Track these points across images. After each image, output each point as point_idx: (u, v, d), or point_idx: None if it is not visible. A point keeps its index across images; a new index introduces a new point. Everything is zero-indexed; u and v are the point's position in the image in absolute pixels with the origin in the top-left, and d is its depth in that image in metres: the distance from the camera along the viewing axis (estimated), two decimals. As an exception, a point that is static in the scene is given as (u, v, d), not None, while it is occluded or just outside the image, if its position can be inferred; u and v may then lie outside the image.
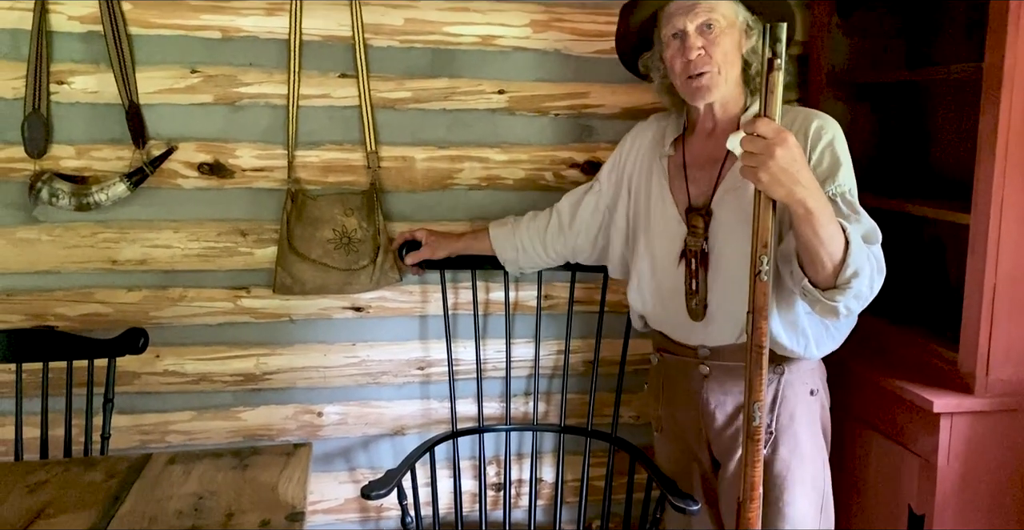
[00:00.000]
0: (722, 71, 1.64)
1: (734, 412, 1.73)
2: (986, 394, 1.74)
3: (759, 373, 1.43)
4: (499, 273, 2.16)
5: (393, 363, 2.22)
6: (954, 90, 2.10)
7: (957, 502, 1.77)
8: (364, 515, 2.29)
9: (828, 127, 1.61)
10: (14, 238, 2.00)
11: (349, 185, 2.11)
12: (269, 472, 1.62)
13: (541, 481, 2.32)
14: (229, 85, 2.01)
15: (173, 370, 2.12)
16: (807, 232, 1.41)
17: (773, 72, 1.31)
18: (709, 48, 1.62)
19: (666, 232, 1.75)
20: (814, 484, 1.72)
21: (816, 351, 1.68)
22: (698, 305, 1.70)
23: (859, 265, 1.43)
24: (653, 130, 1.87)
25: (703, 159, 1.73)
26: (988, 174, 1.67)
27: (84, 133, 1.98)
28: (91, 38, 1.94)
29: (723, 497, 1.78)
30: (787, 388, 1.70)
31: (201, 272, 2.09)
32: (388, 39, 2.06)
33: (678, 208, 1.74)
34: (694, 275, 1.69)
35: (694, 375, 1.77)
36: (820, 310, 1.53)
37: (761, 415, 1.44)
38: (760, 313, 1.41)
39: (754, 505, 1.48)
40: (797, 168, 1.35)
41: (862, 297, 1.49)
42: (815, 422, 1.74)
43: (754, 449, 1.46)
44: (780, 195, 1.37)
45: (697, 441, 1.81)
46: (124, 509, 1.48)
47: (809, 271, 1.47)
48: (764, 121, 1.34)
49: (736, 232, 1.63)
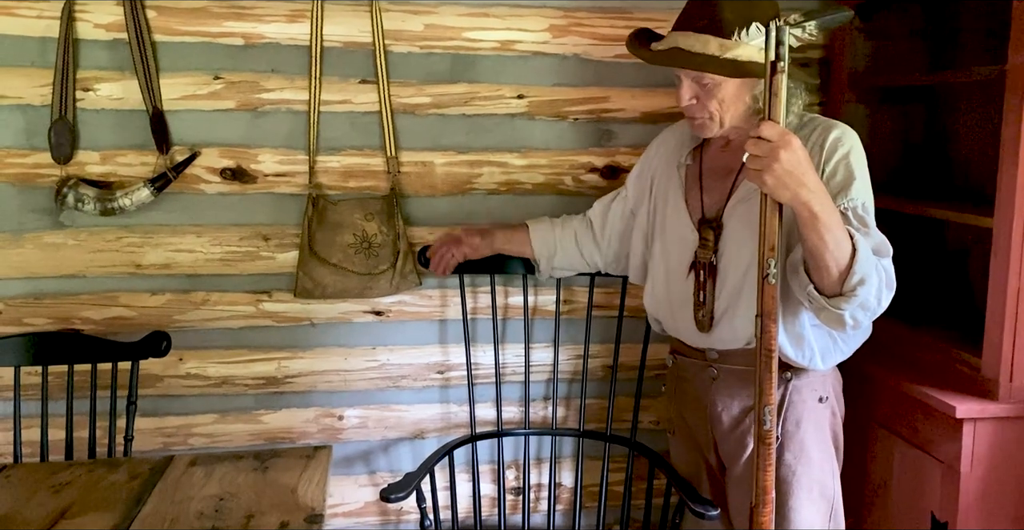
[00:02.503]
0: (716, 117, 1.61)
1: (740, 415, 1.72)
2: (1010, 400, 1.72)
3: (769, 377, 1.42)
4: (518, 277, 2.16)
5: (413, 367, 2.23)
6: (977, 93, 2.09)
7: (980, 509, 1.75)
8: (384, 518, 2.30)
9: (846, 139, 1.58)
10: (41, 242, 2.03)
11: (369, 190, 2.12)
12: (289, 474, 1.63)
13: (560, 486, 2.31)
14: (251, 91, 2.04)
15: (196, 373, 2.15)
16: (812, 236, 1.40)
17: (776, 75, 1.31)
18: (703, 98, 1.60)
19: (679, 241, 1.75)
20: (822, 492, 1.71)
21: (822, 364, 1.67)
22: (704, 316, 1.70)
23: (866, 273, 1.42)
24: (676, 137, 1.86)
25: (718, 169, 1.73)
26: (1011, 177, 1.65)
27: (109, 139, 2.01)
28: (116, 46, 1.97)
29: (731, 498, 1.78)
30: (794, 394, 1.69)
31: (223, 276, 2.12)
32: (408, 45, 2.07)
33: (691, 218, 1.73)
34: (702, 287, 1.69)
35: (703, 378, 1.77)
36: (825, 319, 1.51)
37: (771, 418, 1.44)
38: (769, 316, 1.40)
39: (767, 509, 1.47)
40: (802, 171, 1.34)
41: (869, 308, 1.47)
42: (824, 430, 1.73)
43: (766, 453, 1.45)
44: (785, 198, 1.36)
45: (706, 443, 1.81)
46: (146, 510, 1.50)
47: (815, 277, 1.46)
48: (768, 124, 1.34)
49: (745, 243, 1.62)
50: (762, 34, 1.46)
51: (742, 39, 1.50)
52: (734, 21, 1.51)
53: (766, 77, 1.32)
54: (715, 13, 1.52)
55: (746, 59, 1.51)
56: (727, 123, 1.63)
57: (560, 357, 2.21)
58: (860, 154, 1.58)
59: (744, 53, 1.51)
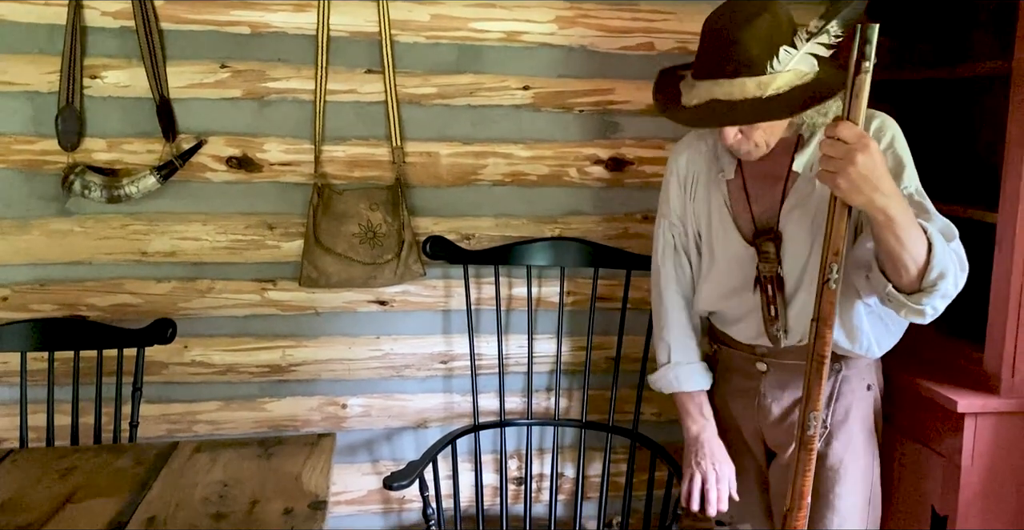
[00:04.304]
0: (762, 145, 1.55)
1: (791, 406, 1.71)
2: (1011, 395, 1.72)
3: (819, 383, 1.42)
4: (521, 269, 2.17)
5: (416, 357, 2.24)
6: (986, 88, 2.08)
7: (981, 503, 1.76)
8: (387, 507, 2.32)
9: (887, 127, 1.55)
10: (47, 229, 2.04)
11: (375, 180, 2.13)
12: (293, 461, 1.65)
13: (562, 476, 2.33)
14: (258, 80, 2.04)
15: (200, 361, 2.16)
16: (889, 239, 1.36)
17: (860, 75, 1.27)
18: (747, 132, 1.52)
19: (734, 259, 1.70)
20: (864, 477, 1.72)
21: (877, 350, 1.65)
22: (779, 330, 1.67)
23: (944, 266, 1.39)
24: (704, 150, 1.75)
25: (763, 177, 1.66)
26: (1016, 172, 1.65)
27: (116, 127, 2.02)
28: (124, 33, 1.98)
29: (774, 485, 1.77)
30: (844, 384, 1.69)
31: (229, 264, 2.12)
32: (414, 35, 2.07)
33: (742, 231, 1.68)
34: (772, 301, 1.65)
35: (751, 371, 1.76)
36: (906, 313, 1.47)
37: (816, 424, 1.43)
38: (825, 322, 1.39)
39: (801, 514, 1.48)
40: (878, 175, 1.31)
41: (948, 296, 1.44)
42: (868, 417, 1.73)
43: (806, 458, 1.45)
44: (859, 203, 1.33)
45: (752, 433, 1.80)
46: (151, 495, 1.51)
47: (893, 277, 1.43)
48: (847, 125, 1.30)
49: (802, 246, 1.60)
50: (792, 55, 1.42)
51: (775, 69, 1.42)
52: (761, 54, 1.41)
53: (848, 77, 1.28)
54: (740, 53, 1.42)
55: (788, 87, 1.43)
56: (773, 143, 1.57)
57: (563, 348, 2.21)
58: (902, 140, 1.56)
59: (783, 82, 1.43)
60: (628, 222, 2.24)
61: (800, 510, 1.47)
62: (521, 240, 2.19)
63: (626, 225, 2.24)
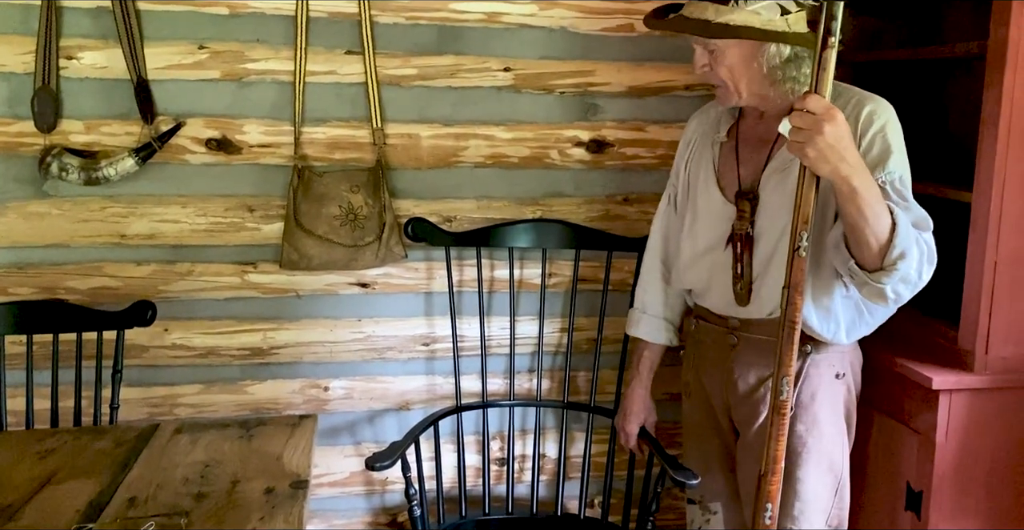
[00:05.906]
0: (731, 86, 1.62)
1: (756, 384, 1.74)
2: (985, 372, 1.75)
3: (790, 348, 1.45)
4: (503, 250, 2.17)
5: (398, 339, 2.24)
6: (962, 67, 2.10)
7: (955, 479, 1.79)
8: (369, 488, 2.32)
9: (881, 112, 1.58)
10: (25, 212, 2.02)
11: (355, 162, 2.12)
12: (274, 442, 1.65)
13: (544, 456, 2.34)
14: (236, 61, 2.03)
15: (181, 344, 2.15)
16: (852, 211, 1.41)
17: (827, 50, 1.32)
18: (714, 65, 1.60)
19: (713, 215, 1.75)
20: (831, 466, 1.73)
21: (846, 338, 1.68)
22: (743, 289, 1.70)
23: (906, 247, 1.42)
24: (712, 115, 1.85)
25: (754, 141, 1.73)
26: (991, 152, 1.68)
27: (93, 108, 2.00)
28: (100, 13, 1.95)
29: (740, 465, 1.80)
30: (812, 368, 1.71)
31: (209, 247, 2.12)
32: (394, 15, 2.06)
33: (725, 192, 1.73)
34: (739, 258, 1.69)
35: (723, 344, 1.78)
36: (867, 293, 1.52)
37: (788, 389, 1.46)
38: (796, 289, 1.42)
39: (775, 478, 1.50)
40: (844, 145, 1.36)
41: (910, 282, 1.47)
42: (838, 405, 1.74)
43: (779, 423, 1.47)
44: (825, 172, 1.37)
45: (721, 407, 1.83)
46: (132, 475, 1.51)
47: (855, 252, 1.47)
48: (814, 97, 1.35)
49: (779, 213, 1.63)
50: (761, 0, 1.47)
51: (740, 5, 1.49)
52: None
53: (815, 51, 1.33)
54: None
55: (739, 24, 1.50)
56: (744, 90, 1.62)
57: (545, 330, 2.22)
58: (896, 127, 1.58)
59: (737, 18, 1.50)
60: (609, 204, 2.25)
61: (774, 474, 1.49)
62: (503, 222, 2.19)
63: (607, 207, 2.25)
